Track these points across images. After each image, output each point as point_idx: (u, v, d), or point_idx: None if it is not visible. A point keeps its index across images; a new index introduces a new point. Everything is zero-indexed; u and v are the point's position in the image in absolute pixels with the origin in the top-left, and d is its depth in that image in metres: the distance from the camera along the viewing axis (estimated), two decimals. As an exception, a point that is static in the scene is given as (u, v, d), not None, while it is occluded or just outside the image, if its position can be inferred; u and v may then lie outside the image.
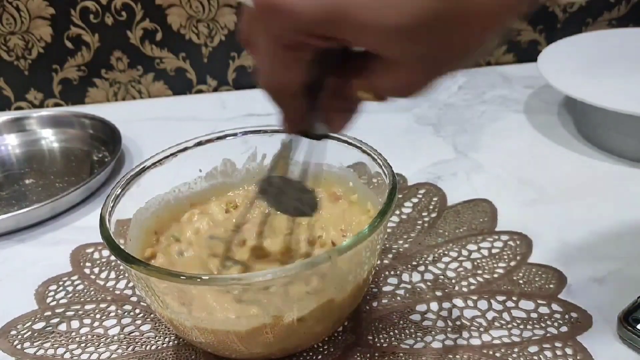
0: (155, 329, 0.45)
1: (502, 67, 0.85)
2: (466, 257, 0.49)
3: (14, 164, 0.71)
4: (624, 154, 0.61)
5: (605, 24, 0.84)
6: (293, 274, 0.34)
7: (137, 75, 0.84)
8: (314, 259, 0.35)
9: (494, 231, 0.52)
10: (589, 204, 0.55)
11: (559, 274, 0.47)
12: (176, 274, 0.35)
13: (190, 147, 0.47)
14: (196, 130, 0.50)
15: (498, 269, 0.48)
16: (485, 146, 0.66)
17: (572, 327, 0.42)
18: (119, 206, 0.42)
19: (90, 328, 0.46)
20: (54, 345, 0.44)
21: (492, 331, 0.42)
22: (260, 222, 0.43)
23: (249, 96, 0.83)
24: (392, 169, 0.42)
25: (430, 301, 0.45)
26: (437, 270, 0.48)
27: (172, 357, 0.43)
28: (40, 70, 0.82)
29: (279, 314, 0.36)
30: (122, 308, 0.47)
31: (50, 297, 0.49)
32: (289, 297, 0.36)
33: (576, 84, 0.63)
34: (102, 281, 0.50)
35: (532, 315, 0.43)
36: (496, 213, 0.54)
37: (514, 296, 0.45)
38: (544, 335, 0.41)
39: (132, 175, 0.44)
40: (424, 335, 0.43)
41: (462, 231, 0.52)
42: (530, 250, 0.49)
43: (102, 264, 0.52)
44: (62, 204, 0.59)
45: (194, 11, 0.80)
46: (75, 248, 0.54)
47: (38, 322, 0.47)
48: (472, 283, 0.47)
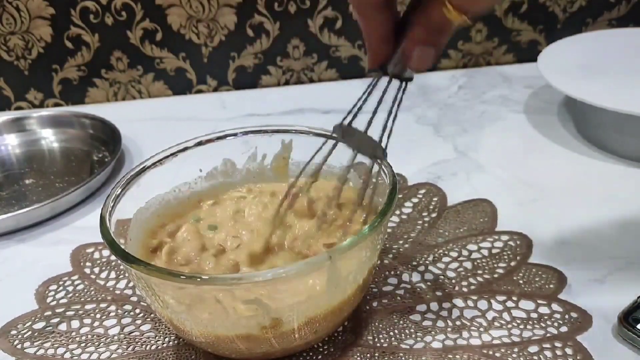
0: (155, 329, 0.45)
1: (502, 67, 0.85)
2: (466, 257, 0.49)
3: (14, 164, 0.71)
4: (624, 154, 0.61)
5: (605, 24, 0.84)
6: (293, 274, 0.34)
7: (137, 75, 0.84)
8: (314, 259, 0.35)
9: (494, 231, 0.52)
10: (589, 203, 0.55)
11: (559, 274, 0.47)
12: (176, 274, 0.35)
13: (190, 147, 0.48)
14: (196, 130, 0.50)
15: (498, 269, 0.48)
16: (485, 146, 0.66)
17: (572, 327, 0.42)
18: (119, 206, 0.42)
19: (90, 328, 0.46)
20: (54, 345, 0.44)
21: (492, 331, 0.42)
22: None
23: (249, 96, 0.83)
24: (392, 169, 0.42)
25: (431, 301, 0.45)
26: (437, 270, 0.48)
27: (172, 357, 0.43)
28: (40, 70, 0.82)
29: (279, 315, 0.36)
30: (122, 308, 0.47)
31: (51, 297, 0.49)
32: (289, 297, 0.36)
33: (576, 84, 0.63)
34: (103, 281, 0.50)
35: (532, 315, 0.43)
36: (496, 213, 0.54)
37: (514, 296, 0.45)
38: (544, 335, 0.42)
39: (132, 175, 0.44)
40: (424, 335, 0.43)
41: (462, 231, 0.52)
42: (530, 251, 0.49)
43: (102, 263, 0.52)
44: (62, 204, 0.59)
45: (194, 11, 0.80)
46: (76, 248, 0.54)
47: (38, 321, 0.47)
48: (472, 283, 0.47)
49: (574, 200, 0.56)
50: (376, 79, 0.37)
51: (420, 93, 0.78)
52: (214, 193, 0.49)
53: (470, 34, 0.84)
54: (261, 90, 0.85)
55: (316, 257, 0.35)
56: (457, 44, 0.84)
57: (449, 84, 0.81)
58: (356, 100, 0.39)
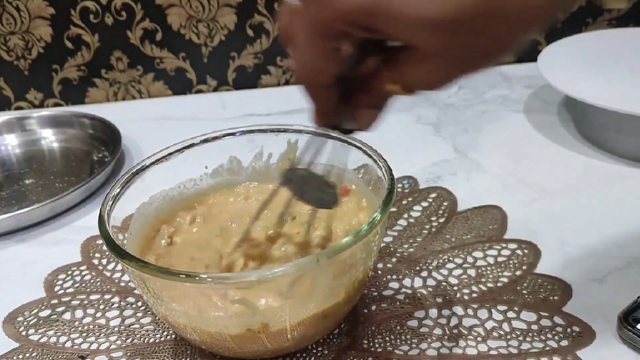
0: (155, 323, 0.45)
1: (502, 67, 0.84)
2: (471, 265, 0.48)
3: (14, 164, 0.71)
4: (624, 154, 0.61)
5: (605, 24, 0.84)
6: (279, 275, 0.34)
7: (137, 75, 0.84)
8: (300, 262, 0.35)
9: (502, 239, 0.51)
10: (589, 203, 0.55)
11: (565, 286, 0.45)
12: (165, 271, 0.34)
13: (196, 144, 0.47)
14: (196, 130, 0.50)
15: (502, 277, 0.47)
16: (485, 146, 0.66)
17: (573, 341, 0.41)
18: (120, 202, 0.42)
19: (93, 318, 0.46)
20: (57, 334, 0.45)
21: (490, 341, 0.41)
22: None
23: (249, 96, 0.83)
24: (392, 173, 0.41)
25: (430, 307, 0.45)
26: (440, 276, 0.48)
27: (169, 351, 0.43)
28: (40, 70, 0.82)
29: (266, 319, 0.36)
30: (125, 300, 0.48)
31: (58, 286, 0.50)
32: (276, 299, 0.36)
33: (576, 84, 0.63)
34: (109, 272, 0.51)
35: (532, 327, 0.42)
36: (506, 220, 0.53)
37: (516, 306, 0.44)
38: (543, 348, 0.40)
39: (133, 172, 0.44)
40: (419, 342, 0.42)
41: (469, 237, 0.51)
42: (537, 261, 0.48)
43: (110, 255, 0.53)
44: (62, 204, 0.59)
45: (194, 11, 0.80)
46: (87, 239, 0.55)
47: (44, 309, 0.47)
48: (474, 291, 0.46)
49: (573, 199, 0.56)
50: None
51: (420, 93, 0.78)
52: (218, 189, 0.50)
53: (470, 34, 0.84)
54: (261, 90, 0.85)
55: (303, 260, 0.35)
56: (457, 44, 0.84)
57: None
58: None
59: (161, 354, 0.43)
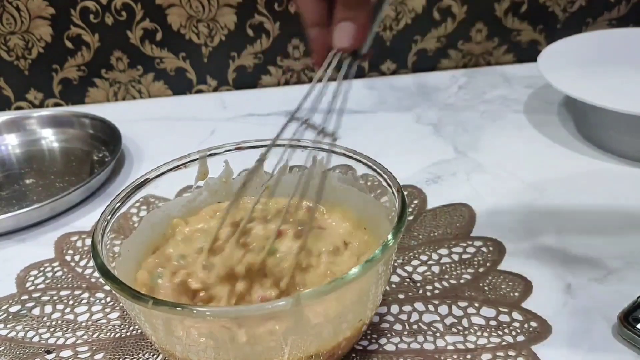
0: (122, 318, 0.46)
1: (502, 67, 0.84)
2: (435, 262, 0.49)
3: (14, 164, 0.71)
4: (624, 154, 0.61)
5: (605, 24, 0.84)
6: (245, 315, 0.31)
7: (137, 75, 0.84)
8: (274, 302, 0.31)
9: (468, 236, 0.51)
10: (589, 203, 0.55)
11: (526, 282, 0.46)
12: (141, 297, 0.33)
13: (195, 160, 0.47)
14: (196, 130, 0.50)
15: (466, 274, 0.47)
16: (485, 146, 0.66)
17: (529, 336, 0.41)
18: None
19: (61, 313, 0.47)
20: (25, 328, 0.46)
21: (448, 337, 0.42)
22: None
23: (249, 96, 0.83)
24: (406, 203, 0.39)
25: (391, 304, 0.45)
26: (404, 273, 0.48)
27: (132, 345, 0.44)
28: (40, 70, 0.82)
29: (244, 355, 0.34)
30: (94, 296, 0.49)
31: (30, 282, 0.50)
32: (247, 340, 0.33)
33: (576, 84, 0.63)
34: (81, 269, 0.52)
35: (490, 323, 0.43)
36: (474, 218, 0.53)
37: (477, 302, 0.44)
38: (499, 344, 0.41)
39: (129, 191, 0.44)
40: (379, 337, 0.42)
41: (436, 235, 0.52)
42: (501, 257, 0.49)
43: (84, 252, 0.54)
44: (62, 204, 0.59)
45: (194, 11, 0.80)
46: (60, 236, 0.55)
47: (14, 305, 0.48)
48: (437, 287, 0.46)
49: (573, 199, 0.56)
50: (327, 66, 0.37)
51: (420, 93, 0.78)
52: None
53: (470, 34, 0.84)
54: (261, 90, 0.85)
55: (278, 301, 0.31)
56: (457, 43, 0.84)
57: (449, 84, 0.81)
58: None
59: (125, 348, 0.44)
